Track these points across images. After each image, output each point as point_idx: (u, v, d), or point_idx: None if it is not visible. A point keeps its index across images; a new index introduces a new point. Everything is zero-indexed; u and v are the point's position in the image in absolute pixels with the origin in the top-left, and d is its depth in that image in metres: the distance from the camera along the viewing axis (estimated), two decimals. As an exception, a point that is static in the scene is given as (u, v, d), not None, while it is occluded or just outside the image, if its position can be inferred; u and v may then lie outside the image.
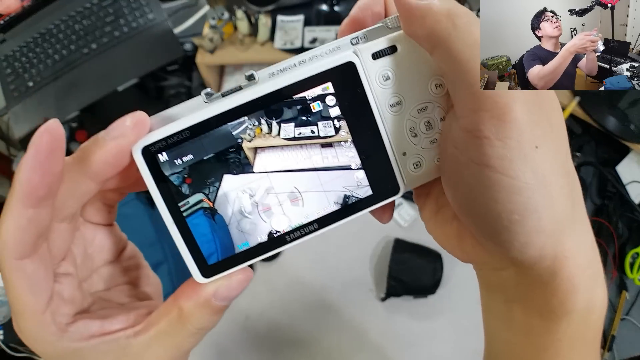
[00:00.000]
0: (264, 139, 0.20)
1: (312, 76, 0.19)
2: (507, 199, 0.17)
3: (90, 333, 0.20)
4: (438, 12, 0.17)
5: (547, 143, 0.17)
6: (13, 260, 0.18)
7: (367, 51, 0.20)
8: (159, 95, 0.98)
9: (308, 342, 0.74)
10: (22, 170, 0.17)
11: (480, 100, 0.17)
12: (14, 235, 0.17)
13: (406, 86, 0.20)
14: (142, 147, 0.19)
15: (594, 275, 0.20)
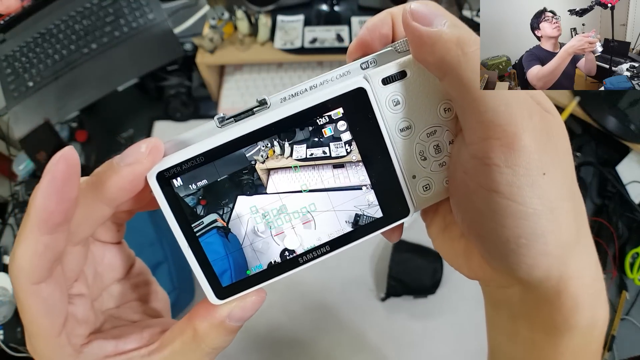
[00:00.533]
0: (276, 160, 0.20)
1: (324, 102, 0.19)
2: (515, 224, 0.18)
3: (105, 354, 0.20)
4: (448, 40, 0.18)
5: (554, 170, 0.18)
6: (29, 285, 0.18)
7: (377, 77, 0.20)
8: (159, 95, 0.98)
9: (308, 342, 0.74)
10: (38, 197, 0.17)
11: (489, 128, 0.17)
12: (31, 261, 0.17)
13: (416, 110, 0.21)
14: (156, 172, 0.19)
15: (596, 293, 0.20)
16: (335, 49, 0.93)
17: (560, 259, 0.18)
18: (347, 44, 0.93)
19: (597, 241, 0.79)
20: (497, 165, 0.17)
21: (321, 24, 0.98)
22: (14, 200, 0.93)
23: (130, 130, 1.00)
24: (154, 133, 1.00)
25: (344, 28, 0.96)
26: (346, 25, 0.96)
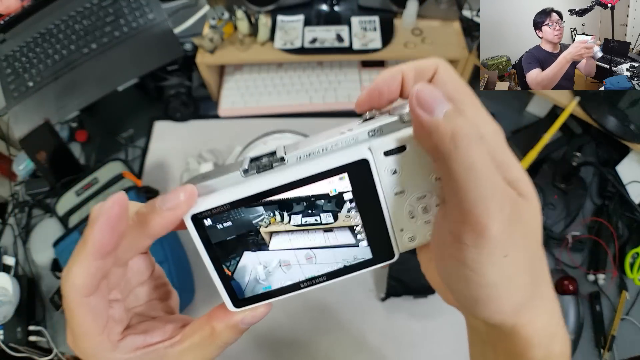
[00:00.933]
0: (277, 226, 0.25)
1: (333, 169, 0.22)
2: (475, 289, 0.22)
3: (136, 346, 0.25)
4: (443, 133, 0.19)
5: (516, 252, 0.21)
6: (81, 298, 0.22)
7: (380, 149, 0.22)
8: (159, 95, 0.98)
9: (308, 342, 0.74)
10: (95, 231, 0.21)
11: (465, 215, 0.20)
12: (84, 279, 0.22)
13: (410, 178, 0.24)
14: (191, 214, 0.23)
15: (551, 335, 0.24)
16: (335, 49, 0.93)
17: (512, 314, 0.23)
18: (347, 44, 0.93)
19: (597, 241, 0.79)
20: (467, 245, 0.20)
21: (321, 24, 0.98)
22: (14, 200, 0.93)
23: (130, 130, 1.00)
24: (154, 133, 1.00)
25: (344, 28, 0.96)
26: (346, 26, 0.96)
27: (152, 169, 0.95)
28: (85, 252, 0.22)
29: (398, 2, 0.95)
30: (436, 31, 0.96)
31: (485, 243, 0.20)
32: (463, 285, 0.22)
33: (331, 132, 0.24)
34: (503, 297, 0.22)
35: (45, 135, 0.81)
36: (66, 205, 0.81)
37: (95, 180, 0.82)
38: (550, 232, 0.81)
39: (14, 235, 0.89)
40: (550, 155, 0.91)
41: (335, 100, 0.99)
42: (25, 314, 0.79)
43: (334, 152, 0.23)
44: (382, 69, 1.03)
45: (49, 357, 0.79)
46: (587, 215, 0.85)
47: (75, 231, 0.74)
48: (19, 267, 0.85)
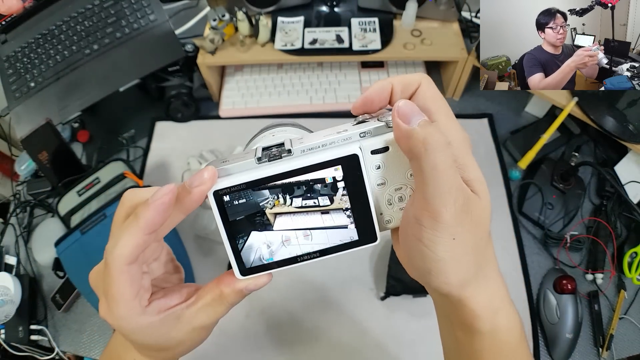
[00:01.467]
0: (280, 207, 0.29)
1: (330, 160, 0.27)
2: (429, 263, 0.27)
3: (159, 309, 0.29)
4: (416, 138, 0.25)
5: (463, 236, 0.26)
6: (124, 265, 0.26)
7: (368, 148, 0.28)
8: (160, 96, 0.99)
9: (308, 341, 0.75)
10: (150, 211, 0.26)
11: (427, 204, 0.25)
12: (131, 250, 0.26)
13: (390, 173, 0.29)
14: (214, 190, 0.27)
15: (494, 309, 0.29)
16: (335, 49, 0.94)
17: (458, 287, 0.28)
18: (347, 45, 0.94)
19: (596, 241, 0.80)
20: (425, 227, 0.26)
21: (321, 25, 0.98)
22: (15, 200, 0.93)
23: (131, 131, 1.00)
24: (155, 133, 1.00)
25: (344, 29, 0.97)
26: (346, 27, 0.97)
27: (153, 169, 0.96)
28: (137, 227, 0.26)
29: (397, 4, 0.96)
30: (435, 32, 0.96)
31: (438, 226, 0.25)
32: (420, 259, 0.27)
33: (330, 130, 0.29)
34: (450, 271, 0.27)
35: (47, 135, 0.81)
36: (68, 205, 0.81)
37: (96, 180, 0.82)
38: (548, 232, 0.82)
39: (16, 234, 0.89)
40: (548, 155, 0.92)
41: (335, 101, 0.99)
42: (26, 313, 0.79)
43: (332, 148, 0.28)
44: (382, 69, 1.04)
45: (51, 356, 0.79)
46: (585, 214, 0.85)
47: (77, 231, 0.74)
48: (21, 266, 0.86)
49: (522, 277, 0.79)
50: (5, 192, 1.24)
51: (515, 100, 1.02)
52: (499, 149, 0.94)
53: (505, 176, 0.90)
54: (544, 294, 0.75)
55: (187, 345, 0.32)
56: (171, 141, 0.99)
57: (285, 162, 0.28)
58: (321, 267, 0.80)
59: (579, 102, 0.82)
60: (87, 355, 0.78)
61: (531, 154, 0.86)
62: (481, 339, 0.30)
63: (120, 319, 0.28)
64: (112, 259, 0.26)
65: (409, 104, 0.26)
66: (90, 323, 0.80)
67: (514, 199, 0.87)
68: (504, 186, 0.89)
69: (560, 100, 0.84)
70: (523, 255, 0.81)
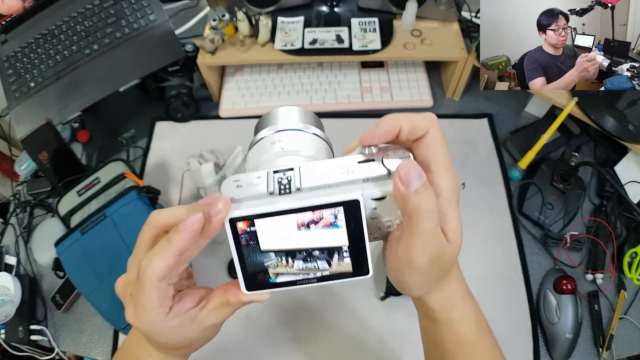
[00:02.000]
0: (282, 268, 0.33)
1: (334, 202, 0.30)
2: (403, 283, 0.34)
3: (178, 313, 0.33)
4: (410, 202, 0.28)
5: (430, 274, 0.33)
6: (156, 281, 0.30)
7: (369, 197, 0.31)
8: (160, 96, 0.99)
9: (308, 340, 0.75)
10: (181, 237, 0.29)
11: (407, 250, 0.31)
12: (163, 269, 0.30)
13: (383, 211, 0.32)
14: (229, 218, 0.30)
15: (449, 306, 0.37)
16: (335, 49, 0.94)
17: (422, 295, 0.36)
18: (347, 45, 0.94)
19: (596, 241, 0.80)
20: (402, 264, 0.32)
21: (321, 25, 0.98)
22: (15, 200, 0.93)
23: (131, 131, 1.00)
24: (155, 133, 1.00)
25: (344, 29, 0.97)
26: (346, 27, 0.97)
27: (153, 169, 0.96)
28: (169, 250, 0.30)
29: (397, 4, 0.96)
30: (435, 32, 0.96)
31: (412, 268, 0.32)
32: (395, 276, 0.35)
33: (337, 167, 0.32)
34: (415, 290, 0.35)
35: (47, 135, 0.81)
36: (68, 205, 0.81)
37: (96, 180, 0.82)
38: (548, 232, 0.82)
39: (16, 234, 0.89)
40: (548, 155, 0.92)
41: (335, 101, 0.99)
42: (26, 313, 0.79)
43: (337, 189, 0.31)
44: (382, 69, 1.04)
45: (51, 356, 0.79)
46: (585, 215, 0.85)
47: (77, 231, 0.74)
48: (21, 266, 0.86)
49: (522, 277, 0.79)
50: (5, 192, 1.24)
51: (515, 100, 1.02)
52: (499, 149, 0.94)
53: (505, 176, 0.90)
54: (544, 294, 0.75)
55: (200, 342, 0.37)
56: (171, 141, 0.99)
57: (294, 197, 0.31)
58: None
59: (578, 102, 0.82)
60: (87, 355, 0.78)
61: (531, 154, 0.86)
62: (440, 328, 0.38)
63: (147, 324, 0.32)
64: (146, 276, 0.30)
65: (409, 169, 0.29)
66: (90, 323, 0.80)
67: (514, 199, 0.87)
68: (504, 186, 0.89)
69: (560, 100, 0.84)
70: (523, 255, 0.81)
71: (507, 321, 0.75)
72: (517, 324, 0.75)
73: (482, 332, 0.39)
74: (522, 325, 0.75)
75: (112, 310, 0.71)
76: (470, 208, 0.86)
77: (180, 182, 0.92)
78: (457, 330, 0.38)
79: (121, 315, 0.71)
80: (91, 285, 0.71)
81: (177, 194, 0.91)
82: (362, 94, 1.00)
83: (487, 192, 0.88)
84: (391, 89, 1.01)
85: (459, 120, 0.99)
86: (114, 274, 0.69)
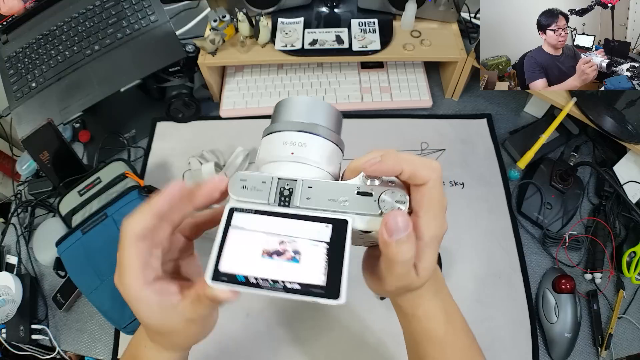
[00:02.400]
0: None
1: (325, 217, 0.32)
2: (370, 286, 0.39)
3: (160, 291, 0.33)
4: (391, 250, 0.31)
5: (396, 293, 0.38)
6: (133, 239, 0.31)
7: (358, 227, 0.32)
8: (161, 96, 0.99)
9: (308, 340, 0.75)
10: (160, 197, 0.32)
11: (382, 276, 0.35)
12: (141, 226, 0.31)
13: (367, 239, 0.35)
14: (229, 208, 0.32)
15: (415, 305, 0.39)
16: (334, 50, 0.94)
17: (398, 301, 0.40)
18: (347, 46, 0.94)
19: (594, 240, 0.80)
20: (374, 282, 0.37)
21: (321, 26, 0.99)
22: (17, 199, 0.93)
23: (132, 131, 1.00)
24: (156, 133, 1.01)
25: (344, 30, 0.97)
26: (346, 27, 0.97)
27: (154, 169, 0.96)
28: (148, 209, 0.31)
29: (397, 4, 0.96)
30: (435, 33, 0.97)
31: (383, 289, 0.36)
32: (367, 279, 0.39)
33: (336, 191, 0.33)
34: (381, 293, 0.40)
35: (48, 135, 0.81)
36: (69, 205, 0.81)
37: (97, 180, 0.82)
38: (547, 232, 0.82)
39: (17, 234, 0.89)
40: (547, 155, 0.92)
41: (335, 101, 1.00)
42: (27, 312, 0.80)
43: (331, 211, 0.33)
44: (382, 70, 1.04)
45: (52, 355, 0.79)
46: (584, 214, 0.86)
47: (78, 230, 0.75)
48: (22, 266, 0.86)
49: (521, 277, 0.79)
50: (6, 192, 1.25)
51: (514, 101, 1.02)
52: (497, 149, 0.94)
53: (504, 176, 0.90)
54: (543, 293, 0.76)
55: (183, 336, 0.36)
56: (172, 141, 1.00)
57: (290, 209, 0.33)
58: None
59: (577, 102, 0.82)
60: (88, 355, 0.78)
61: (530, 154, 0.86)
62: (409, 321, 0.41)
63: (125, 286, 0.32)
64: (124, 233, 0.31)
65: (397, 219, 0.31)
66: (91, 322, 0.80)
67: (513, 198, 0.88)
68: (503, 186, 0.89)
69: (559, 100, 0.85)
70: (522, 255, 0.81)
71: (506, 320, 0.76)
72: (516, 323, 0.75)
73: (455, 330, 0.42)
74: (521, 324, 0.75)
75: (113, 309, 0.71)
76: (469, 208, 0.86)
77: (183, 181, 0.93)
78: (425, 326, 0.40)
79: (122, 315, 0.72)
80: (92, 284, 0.71)
81: (178, 194, 0.91)
82: (361, 95, 1.01)
83: (486, 192, 0.89)
84: (391, 89, 1.01)
85: (458, 121, 0.99)
86: (115, 273, 0.70)
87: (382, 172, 0.33)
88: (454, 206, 0.86)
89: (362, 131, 0.96)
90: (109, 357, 0.77)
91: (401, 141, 0.95)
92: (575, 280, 0.75)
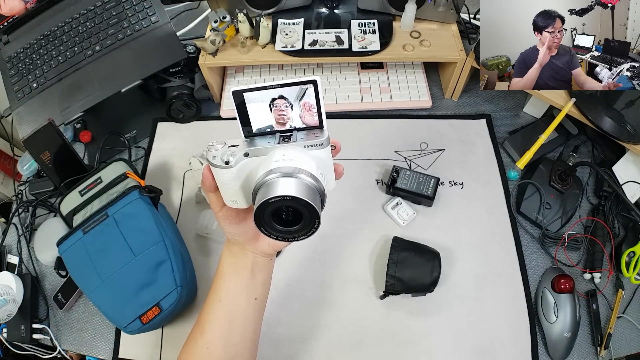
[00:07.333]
0: None
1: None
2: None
3: (227, 212, 0.49)
4: None
5: None
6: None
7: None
8: (162, 97, 0.99)
9: (308, 339, 0.75)
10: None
11: None
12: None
13: None
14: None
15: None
16: (334, 50, 0.94)
17: None
18: (347, 46, 0.94)
19: (594, 240, 0.81)
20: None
21: (321, 26, 0.99)
22: (18, 199, 0.94)
23: (133, 131, 1.01)
24: (157, 134, 1.01)
25: (344, 31, 0.97)
26: (345, 28, 0.98)
27: (155, 169, 0.96)
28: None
29: (396, 5, 0.96)
30: (434, 33, 0.97)
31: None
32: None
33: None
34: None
35: (49, 135, 0.81)
36: (70, 205, 0.81)
37: (98, 180, 0.83)
38: (546, 231, 0.82)
39: (18, 234, 0.90)
40: (546, 155, 0.92)
41: (335, 102, 1.00)
42: (28, 312, 0.80)
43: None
44: (382, 70, 1.04)
45: (53, 355, 0.80)
46: (583, 214, 0.86)
47: (79, 230, 0.75)
48: (23, 265, 0.86)
49: (520, 276, 0.80)
50: (7, 192, 1.25)
51: (513, 101, 1.03)
52: (497, 149, 0.94)
53: (503, 176, 0.91)
54: (542, 293, 0.76)
55: (243, 239, 0.51)
56: (173, 141, 1.00)
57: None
58: (320, 265, 0.81)
59: (576, 102, 0.83)
60: (89, 354, 0.78)
61: (529, 154, 0.86)
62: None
63: (212, 206, 0.49)
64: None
65: None
66: (92, 322, 0.80)
67: (512, 198, 0.88)
68: (502, 186, 0.89)
69: (558, 100, 0.85)
70: (521, 255, 0.82)
71: (505, 320, 0.76)
72: (516, 323, 0.76)
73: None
74: (521, 324, 0.76)
75: (113, 309, 0.71)
76: (468, 208, 0.87)
77: (181, 182, 0.93)
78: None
79: (123, 314, 0.72)
80: (93, 284, 0.72)
81: (179, 194, 0.92)
82: (361, 95, 1.01)
83: (485, 192, 0.89)
84: (390, 89, 1.02)
85: (458, 121, 0.99)
86: (116, 273, 0.70)
87: None
88: (453, 206, 0.87)
89: (362, 131, 0.96)
90: (110, 356, 0.77)
91: (401, 141, 0.96)
92: (574, 280, 0.75)
